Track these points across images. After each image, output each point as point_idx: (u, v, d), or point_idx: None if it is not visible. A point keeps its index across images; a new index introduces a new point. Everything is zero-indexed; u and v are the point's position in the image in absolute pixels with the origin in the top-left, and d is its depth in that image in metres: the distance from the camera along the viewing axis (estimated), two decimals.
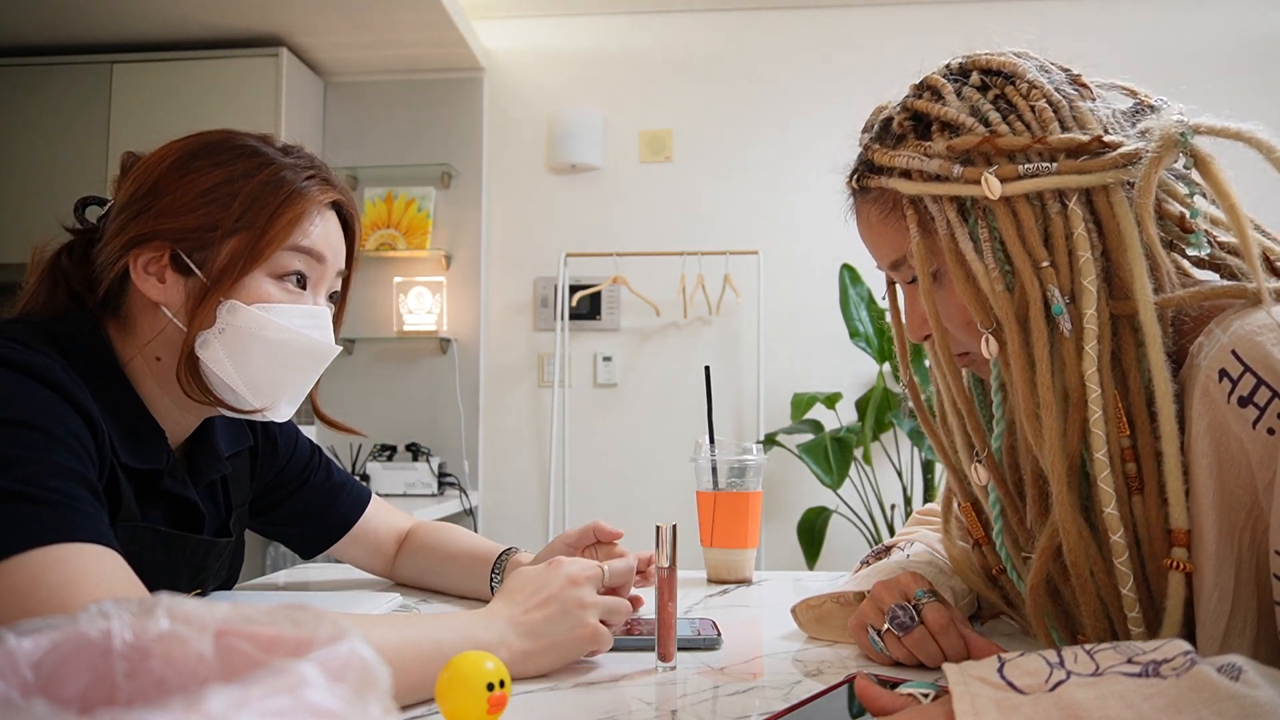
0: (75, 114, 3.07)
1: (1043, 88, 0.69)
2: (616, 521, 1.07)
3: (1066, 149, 0.66)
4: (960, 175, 0.68)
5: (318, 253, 0.86)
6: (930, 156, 0.70)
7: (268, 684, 0.28)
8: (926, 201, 0.71)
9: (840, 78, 3.24)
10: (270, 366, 0.84)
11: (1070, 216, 0.66)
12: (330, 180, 0.88)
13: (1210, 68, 3.10)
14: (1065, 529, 0.66)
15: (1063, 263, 0.66)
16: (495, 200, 3.37)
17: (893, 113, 0.75)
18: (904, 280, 0.79)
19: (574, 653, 0.73)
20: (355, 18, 2.93)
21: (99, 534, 0.66)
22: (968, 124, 0.69)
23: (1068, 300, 0.65)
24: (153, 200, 0.82)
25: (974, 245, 0.69)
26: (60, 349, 0.77)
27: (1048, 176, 0.66)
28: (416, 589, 1.14)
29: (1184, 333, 0.66)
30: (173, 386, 0.84)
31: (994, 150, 0.67)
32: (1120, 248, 0.65)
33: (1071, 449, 0.66)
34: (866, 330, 2.93)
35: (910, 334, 0.81)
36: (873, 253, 0.80)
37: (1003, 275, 0.68)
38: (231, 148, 0.84)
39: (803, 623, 0.88)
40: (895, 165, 0.72)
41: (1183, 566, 0.63)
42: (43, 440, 0.67)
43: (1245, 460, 0.59)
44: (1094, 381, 0.64)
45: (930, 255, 0.72)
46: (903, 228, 0.74)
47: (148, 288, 0.82)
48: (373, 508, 1.15)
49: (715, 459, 1.20)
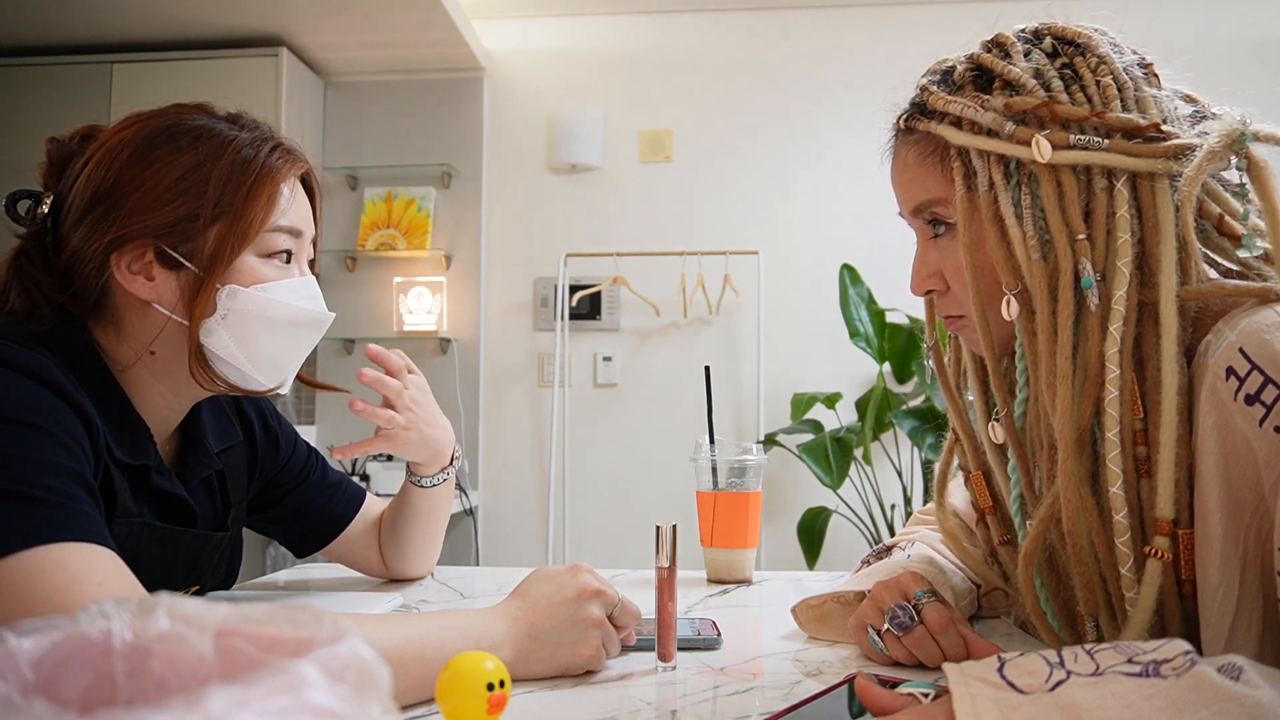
0: (75, 114, 3.06)
1: (1111, 65, 0.69)
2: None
3: (1124, 129, 0.66)
4: (1012, 134, 0.68)
5: (296, 229, 0.87)
6: (986, 109, 0.70)
7: (268, 684, 0.28)
8: (972, 155, 0.71)
9: (841, 77, 3.25)
10: (275, 343, 0.85)
11: (1115, 196, 0.66)
12: (291, 148, 0.88)
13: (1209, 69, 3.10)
14: (1066, 497, 0.66)
15: (1100, 240, 0.66)
16: (495, 200, 3.37)
17: (957, 62, 0.75)
18: (921, 229, 0.78)
19: (571, 665, 0.73)
20: (355, 18, 2.94)
21: (96, 534, 0.66)
22: (1030, 85, 0.69)
23: (1099, 278, 0.66)
24: (121, 198, 0.80)
25: (1014, 209, 0.69)
26: (48, 348, 0.77)
27: (1099, 151, 0.66)
28: (410, 575, 1.16)
29: (1203, 329, 0.66)
30: (169, 376, 0.84)
31: (1051, 116, 0.67)
32: (1155, 236, 0.65)
33: (1083, 422, 0.66)
34: (866, 330, 2.93)
35: (913, 287, 0.80)
36: (899, 194, 0.79)
37: (1040, 243, 0.68)
38: (188, 130, 0.83)
39: (803, 623, 0.88)
40: (949, 111, 0.72)
41: (1162, 555, 0.63)
42: (40, 439, 0.67)
43: (1252, 458, 0.59)
44: (1114, 361, 0.64)
45: (969, 209, 0.72)
46: (936, 174, 0.74)
47: (136, 288, 0.81)
48: (367, 506, 1.16)
49: (715, 459, 1.20)
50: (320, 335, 0.91)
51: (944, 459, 0.87)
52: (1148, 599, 0.63)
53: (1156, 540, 0.63)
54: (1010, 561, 0.81)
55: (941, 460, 0.87)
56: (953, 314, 0.77)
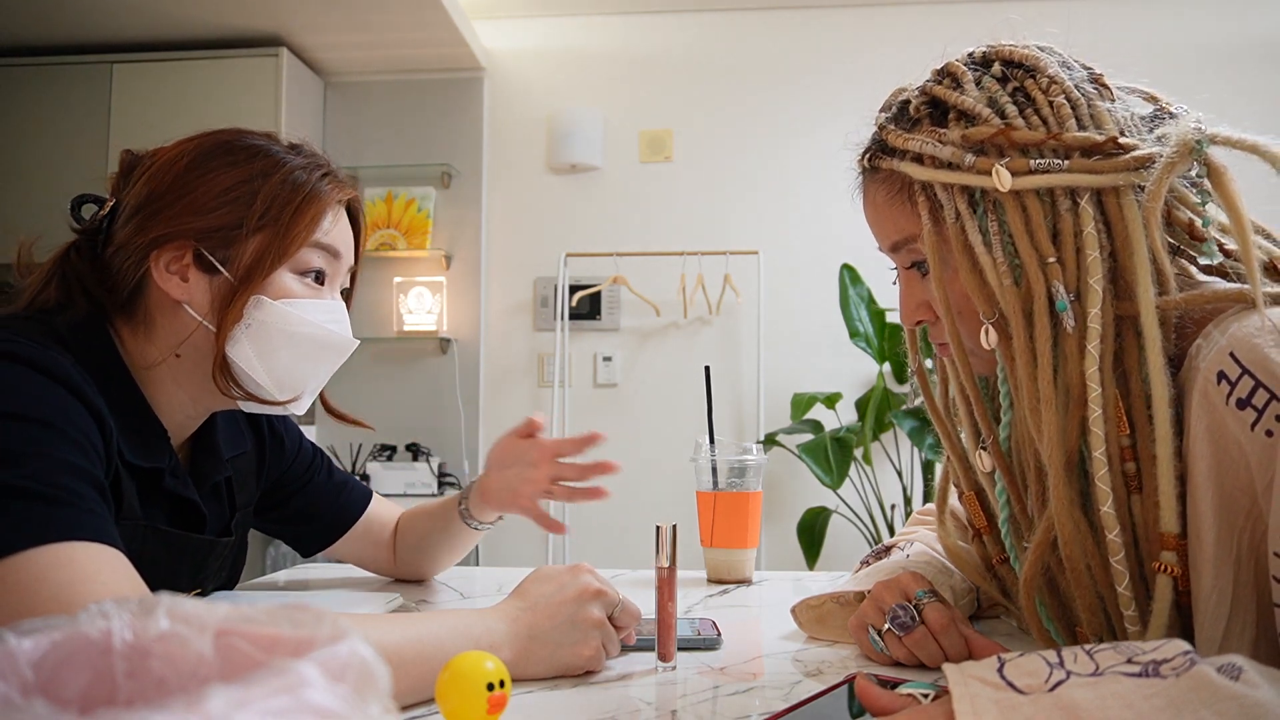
0: (75, 114, 3.07)
1: (1063, 84, 0.69)
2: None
3: (1081, 147, 0.66)
4: (972, 165, 0.68)
5: (335, 249, 0.88)
6: (944, 143, 0.70)
7: (268, 684, 0.28)
8: (936, 189, 0.71)
9: (841, 78, 3.25)
10: (295, 360, 0.86)
11: (1080, 215, 0.66)
12: (340, 178, 0.90)
13: (1206, 69, 3.10)
14: (1060, 522, 0.66)
15: (1070, 260, 0.66)
16: (495, 200, 3.37)
17: (911, 96, 0.75)
18: (902, 265, 0.78)
19: (571, 666, 0.73)
20: (355, 18, 2.94)
21: (104, 533, 0.66)
22: (984, 114, 0.69)
23: (1072, 298, 0.66)
24: (172, 200, 0.82)
25: (983, 237, 0.69)
26: (67, 346, 0.77)
27: (1059, 173, 0.66)
28: (418, 578, 1.16)
29: (1186, 336, 0.66)
30: (191, 382, 0.85)
31: (1008, 143, 0.67)
32: (1127, 250, 0.65)
33: (1070, 445, 0.66)
34: (866, 330, 2.93)
35: (903, 319, 0.80)
36: (875, 232, 0.80)
37: (1010, 268, 0.68)
38: (245, 147, 0.86)
39: (803, 623, 0.88)
40: (908, 149, 0.72)
41: (1171, 570, 0.63)
42: (51, 436, 0.67)
43: (1244, 462, 0.59)
44: (1095, 380, 0.64)
45: (938, 243, 0.72)
46: (907, 211, 0.74)
47: (170, 286, 0.82)
48: (373, 505, 1.16)
49: (715, 459, 1.20)
50: (341, 360, 0.91)
51: (942, 478, 0.87)
52: (1161, 615, 0.63)
53: (1164, 556, 0.63)
54: (1009, 578, 0.81)
55: (940, 479, 0.88)
56: (945, 341, 0.77)
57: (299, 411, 0.90)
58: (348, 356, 0.92)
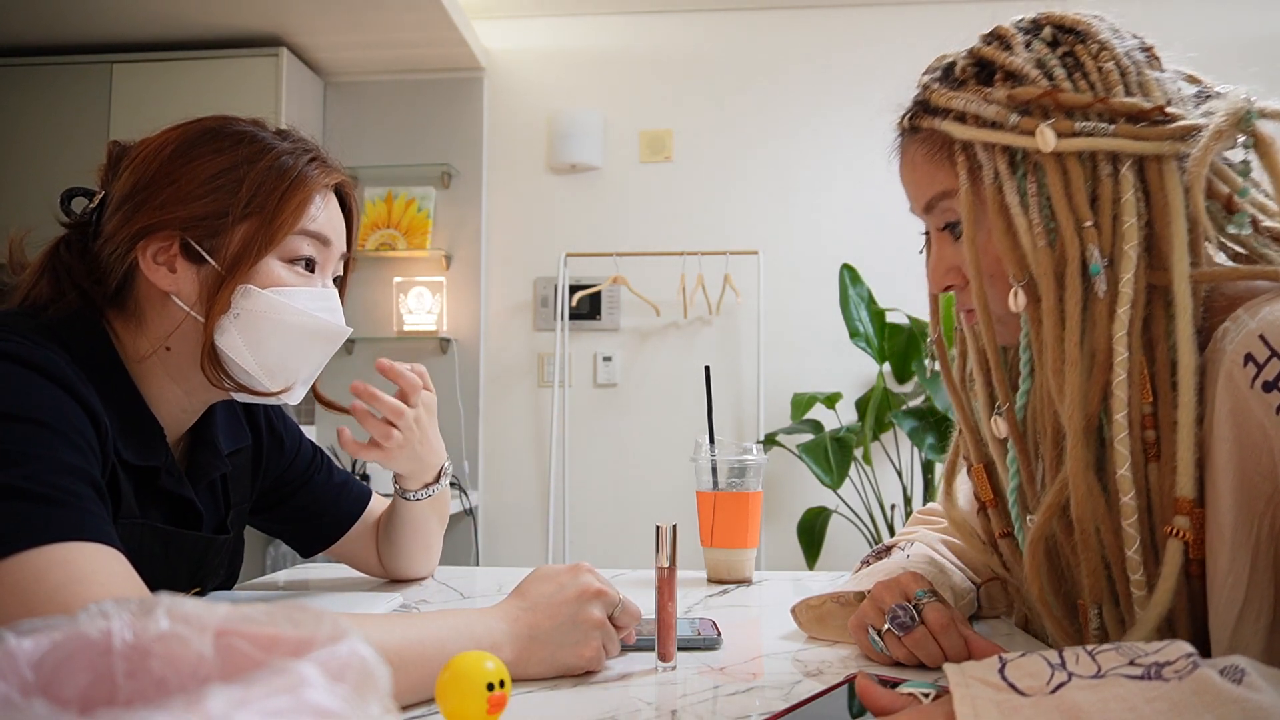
0: (75, 114, 3.07)
1: (1113, 50, 0.69)
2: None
3: (1127, 113, 0.66)
4: (1016, 125, 0.68)
5: (324, 236, 0.87)
6: (989, 102, 0.70)
7: (268, 684, 0.28)
8: (977, 148, 0.71)
9: (840, 78, 3.24)
10: (285, 349, 0.85)
11: (1121, 181, 0.66)
12: (329, 162, 0.89)
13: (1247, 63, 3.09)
14: (1075, 483, 0.66)
15: (1106, 226, 0.66)
16: (495, 200, 3.37)
17: (958, 58, 0.75)
18: (935, 225, 0.78)
19: (571, 666, 0.73)
20: (355, 18, 2.93)
21: (103, 533, 0.66)
22: (1032, 75, 0.69)
23: (1106, 263, 0.66)
24: (157, 190, 0.81)
25: (1020, 199, 0.69)
26: (62, 343, 0.77)
27: (1104, 137, 0.66)
28: (404, 576, 1.16)
29: (1214, 313, 0.66)
30: (184, 375, 0.85)
31: (1054, 104, 0.67)
32: (1165, 219, 0.65)
33: (1091, 407, 0.66)
34: (866, 330, 2.93)
35: (930, 284, 0.80)
36: (910, 193, 0.79)
37: (1045, 231, 0.68)
38: (230, 133, 0.85)
39: (803, 623, 0.88)
40: (952, 107, 0.72)
41: (1182, 534, 0.63)
42: (48, 436, 0.67)
43: (1267, 446, 0.59)
44: (1122, 345, 0.64)
45: (974, 203, 0.72)
46: (945, 170, 0.74)
47: (158, 277, 0.82)
48: (373, 505, 1.16)
49: (715, 459, 1.20)
50: (334, 348, 0.91)
51: (952, 452, 0.87)
52: (1169, 579, 0.63)
53: (1177, 520, 0.63)
54: (1010, 554, 0.81)
55: (950, 452, 0.87)
56: (972, 308, 0.77)
57: (292, 401, 0.90)
58: (340, 345, 0.91)
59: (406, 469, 1.06)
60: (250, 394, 0.87)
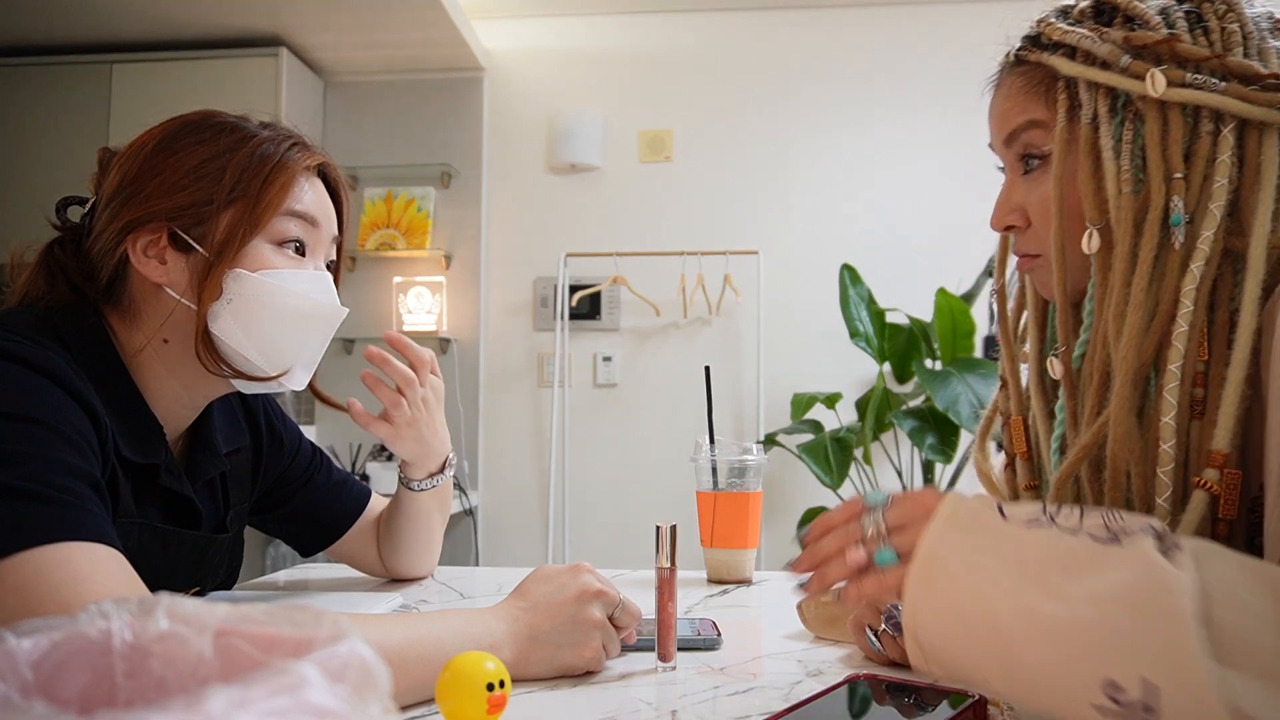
0: (75, 114, 3.07)
1: (1240, 12, 0.69)
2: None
3: (1242, 74, 0.66)
4: (1127, 67, 0.68)
5: (311, 217, 0.87)
6: (1104, 41, 0.70)
7: (268, 684, 0.28)
8: (1080, 86, 0.71)
9: (841, 77, 3.24)
10: (280, 332, 0.85)
11: (1220, 141, 0.66)
12: (310, 146, 0.89)
13: None
14: (1116, 420, 0.67)
15: (1195, 182, 0.66)
16: (495, 200, 3.37)
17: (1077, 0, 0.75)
18: (1013, 154, 0.78)
19: (571, 666, 0.73)
20: (355, 18, 2.94)
21: (102, 533, 0.66)
22: (1153, 20, 0.69)
23: (1188, 219, 0.66)
24: (142, 184, 0.82)
25: (1114, 144, 0.69)
26: (62, 341, 0.77)
27: (1213, 93, 0.66)
28: (407, 574, 1.16)
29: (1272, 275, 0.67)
30: (182, 368, 0.85)
31: (1170, 53, 0.67)
32: (1254, 185, 0.66)
33: (1146, 354, 0.67)
34: (866, 330, 2.93)
35: (993, 220, 0.79)
36: (997, 124, 0.79)
37: (1132, 179, 0.68)
38: (212, 125, 0.86)
39: (809, 621, 0.88)
40: (1065, 41, 0.72)
41: (1210, 487, 0.63)
42: (47, 436, 0.67)
43: None
44: (1189, 299, 0.65)
45: (1066, 141, 0.72)
46: (1040, 103, 0.74)
47: (149, 270, 0.82)
48: (373, 504, 1.16)
49: (715, 459, 1.20)
50: (331, 330, 0.91)
51: (991, 407, 0.87)
52: (1189, 527, 0.64)
53: (1207, 472, 0.64)
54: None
55: (989, 407, 0.88)
56: (1030, 252, 0.77)
57: (293, 386, 0.89)
58: (336, 327, 0.91)
59: (413, 453, 1.07)
60: (249, 380, 0.87)
